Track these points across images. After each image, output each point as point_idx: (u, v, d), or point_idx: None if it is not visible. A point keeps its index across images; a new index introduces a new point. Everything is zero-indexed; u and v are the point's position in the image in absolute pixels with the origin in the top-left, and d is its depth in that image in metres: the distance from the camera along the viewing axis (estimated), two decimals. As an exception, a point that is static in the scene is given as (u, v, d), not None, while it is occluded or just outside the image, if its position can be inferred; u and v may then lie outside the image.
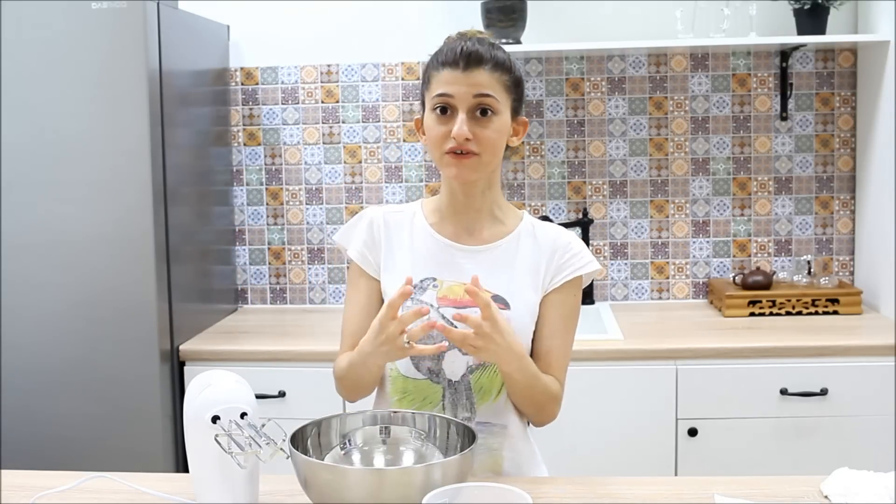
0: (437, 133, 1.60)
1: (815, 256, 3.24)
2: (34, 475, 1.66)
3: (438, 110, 1.59)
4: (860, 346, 2.65)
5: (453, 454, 1.43)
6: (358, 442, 1.52)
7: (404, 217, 1.73)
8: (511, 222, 1.71)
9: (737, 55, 3.22)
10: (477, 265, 1.65)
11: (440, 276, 1.65)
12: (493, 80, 1.58)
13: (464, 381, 1.64)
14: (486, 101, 1.57)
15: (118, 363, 2.68)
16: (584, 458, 2.66)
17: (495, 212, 1.70)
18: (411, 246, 1.69)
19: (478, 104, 1.58)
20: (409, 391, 1.66)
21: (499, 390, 1.64)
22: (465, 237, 1.68)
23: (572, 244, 1.69)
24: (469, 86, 1.57)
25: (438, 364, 1.64)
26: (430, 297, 1.64)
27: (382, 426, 1.53)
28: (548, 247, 1.68)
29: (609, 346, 2.70)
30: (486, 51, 1.59)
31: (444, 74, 1.58)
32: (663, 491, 1.53)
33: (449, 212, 1.70)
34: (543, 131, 3.28)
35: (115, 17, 2.61)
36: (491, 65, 1.58)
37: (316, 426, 1.48)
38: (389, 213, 1.74)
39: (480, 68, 1.57)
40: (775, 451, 2.65)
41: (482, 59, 1.57)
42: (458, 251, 1.67)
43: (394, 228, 1.72)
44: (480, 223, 1.69)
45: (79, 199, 2.66)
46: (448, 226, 1.70)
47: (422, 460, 1.48)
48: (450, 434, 1.48)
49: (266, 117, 3.34)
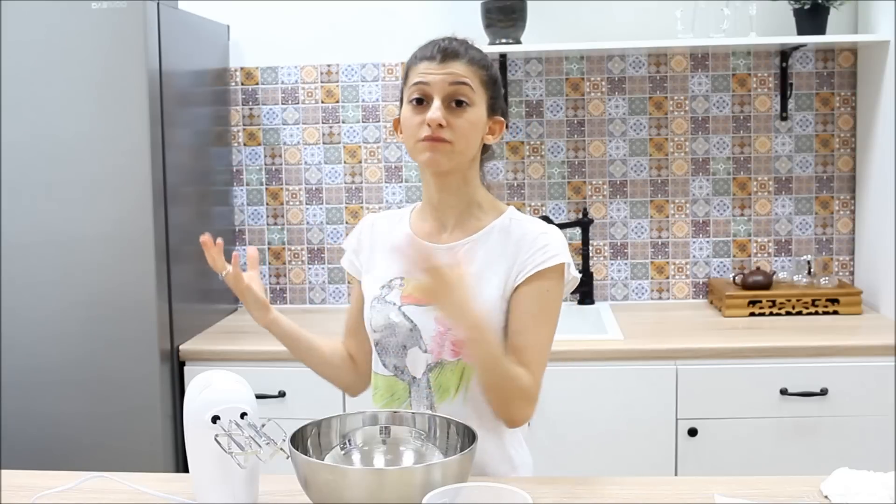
0: (413, 122, 1.62)
1: (815, 256, 3.24)
2: (34, 475, 1.66)
3: (415, 101, 1.62)
4: (860, 346, 2.65)
5: (453, 454, 1.43)
6: (358, 442, 1.52)
7: (392, 220, 1.78)
8: (487, 219, 1.69)
9: (737, 55, 3.22)
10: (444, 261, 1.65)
11: (408, 275, 1.67)
12: (469, 71, 1.61)
13: (424, 379, 1.66)
14: (462, 89, 1.60)
15: (118, 363, 2.68)
16: (584, 459, 2.66)
17: (473, 209, 1.69)
18: (389, 246, 1.72)
19: (454, 92, 1.60)
20: (380, 387, 1.72)
21: (456, 389, 1.64)
22: (440, 235, 1.70)
23: (540, 238, 1.63)
24: (445, 74, 1.60)
25: (402, 361, 1.67)
26: (395, 297, 1.68)
27: (382, 426, 1.53)
28: (515, 243, 1.64)
29: (609, 346, 2.70)
30: (462, 47, 1.63)
31: (422, 66, 1.62)
32: (663, 491, 1.53)
33: (427, 209, 1.72)
34: (543, 131, 3.28)
35: (115, 17, 2.61)
36: (467, 59, 1.62)
37: (316, 426, 1.48)
38: (380, 217, 1.80)
39: (457, 60, 1.61)
40: (775, 451, 2.65)
41: (458, 54, 1.62)
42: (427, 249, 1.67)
43: (378, 231, 1.77)
44: (456, 220, 1.69)
45: (79, 199, 2.66)
46: (426, 225, 1.72)
47: (422, 460, 1.48)
48: (450, 434, 1.48)
49: (266, 117, 3.34)
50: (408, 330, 1.66)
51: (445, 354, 1.64)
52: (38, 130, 2.66)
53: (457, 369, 1.64)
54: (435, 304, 1.51)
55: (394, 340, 1.67)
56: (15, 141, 2.66)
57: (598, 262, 3.30)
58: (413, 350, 1.66)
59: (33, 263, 2.68)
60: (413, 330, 1.65)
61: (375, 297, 1.70)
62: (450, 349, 1.63)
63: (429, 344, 1.64)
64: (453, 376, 1.64)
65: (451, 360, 1.64)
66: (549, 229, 1.66)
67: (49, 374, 2.70)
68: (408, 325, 1.66)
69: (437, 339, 1.64)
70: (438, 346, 1.64)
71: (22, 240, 2.68)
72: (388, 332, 1.68)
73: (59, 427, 2.70)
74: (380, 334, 1.69)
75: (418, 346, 1.65)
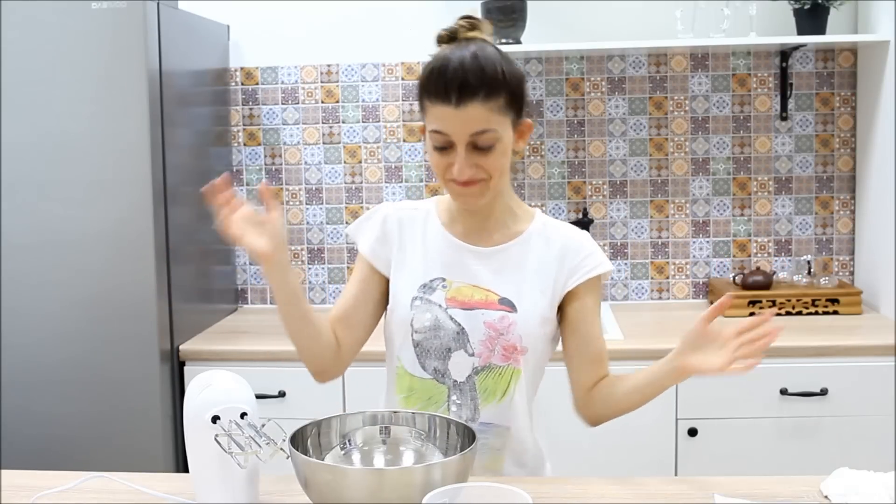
0: (439, 162, 1.57)
1: (815, 256, 3.24)
2: (34, 475, 1.66)
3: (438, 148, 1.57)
4: (860, 346, 2.65)
5: (453, 454, 1.43)
6: (358, 442, 1.52)
7: (418, 215, 1.72)
8: (523, 224, 1.69)
9: (737, 55, 3.22)
10: (486, 267, 1.65)
11: (449, 277, 1.65)
12: (487, 110, 1.51)
13: (469, 382, 1.64)
14: (483, 137, 1.53)
15: (118, 363, 2.68)
16: (584, 458, 2.66)
17: (507, 213, 1.69)
18: (423, 244, 1.69)
19: (475, 141, 1.53)
20: (416, 390, 1.66)
21: (503, 392, 1.64)
22: (476, 238, 1.68)
23: (585, 245, 1.68)
24: (464, 123, 1.51)
25: (444, 364, 1.64)
26: (440, 298, 1.64)
27: (382, 426, 1.53)
28: (559, 249, 1.66)
29: (609, 346, 2.67)
30: (477, 78, 1.50)
31: (438, 110, 1.52)
32: (663, 491, 1.53)
33: (460, 212, 1.69)
34: (543, 131, 3.28)
35: (115, 17, 2.61)
36: (483, 93, 1.50)
37: (316, 426, 1.48)
38: (404, 209, 1.73)
39: (474, 101, 1.50)
40: (775, 451, 2.65)
41: (475, 91, 1.50)
42: (468, 252, 1.67)
43: (407, 226, 1.71)
44: (491, 224, 1.68)
45: (79, 199, 2.66)
46: (459, 226, 1.69)
47: (422, 460, 1.48)
48: (450, 434, 1.48)
49: (266, 117, 3.34)
50: (455, 332, 1.63)
51: (495, 359, 1.63)
52: (38, 130, 2.66)
53: (506, 373, 1.63)
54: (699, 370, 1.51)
55: (437, 343, 1.63)
56: (15, 141, 2.66)
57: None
58: (458, 353, 1.63)
59: (33, 263, 2.68)
60: (461, 333, 1.63)
61: (416, 297, 1.65)
62: (500, 353, 1.63)
63: (476, 348, 1.63)
64: (501, 380, 1.64)
65: (501, 364, 1.63)
66: (587, 235, 1.71)
67: (49, 374, 2.70)
68: (454, 328, 1.63)
69: (487, 343, 1.62)
70: (488, 351, 1.63)
71: (22, 240, 2.68)
72: (432, 333, 1.63)
73: (59, 427, 2.70)
74: (423, 335, 1.64)
75: (464, 349, 1.62)
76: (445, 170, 1.56)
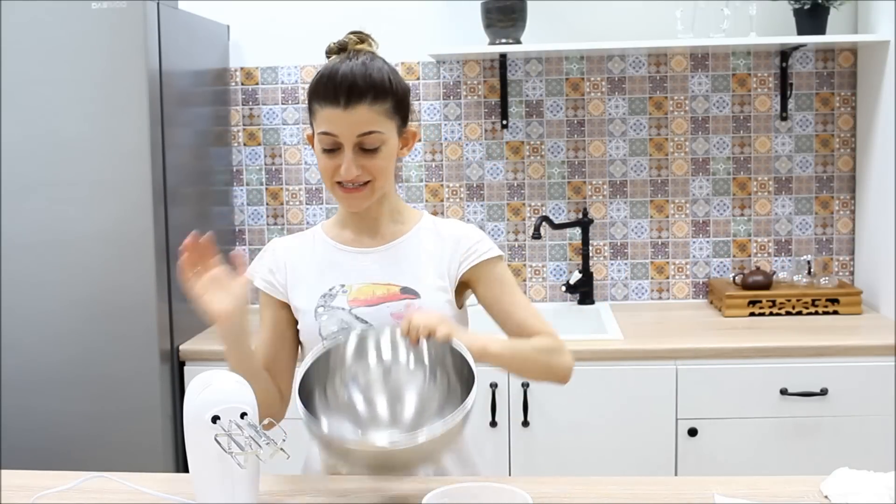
0: (326, 165, 1.63)
1: (815, 256, 3.24)
2: (34, 475, 1.66)
3: (326, 150, 1.62)
4: (860, 346, 2.65)
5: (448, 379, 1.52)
6: (360, 382, 1.56)
7: (305, 240, 1.77)
8: (411, 222, 1.74)
9: (737, 55, 3.22)
10: (380, 263, 1.69)
11: (348, 282, 1.68)
12: (374, 113, 1.58)
13: None
14: (371, 138, 1.59)
15: (118, 363, 2.68)
16: (584, 458, 2.66)
17: (394, 214, 1.74)
18: (314, 260, 1.72)
19: (362, 142, 1.59)
20: None
21: None
22: (367, 240, 1.72)
23: (473, 234, 1.72)
24: (351, 124, 1.58)
25: None
26: (342, 302, 1.66)
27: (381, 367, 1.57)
28: (449, 239, 1.71)
29: (609, 346, 2.70)
30: (364, 80, 1.57)
31: (327, 112, 1.59)
32: (663, 491, 1.53)
33: (349, 219, 1.73)
34: (543, 131, 3.28)
35: (115, 17, 2.61)
36: (371, 96, 1.57)
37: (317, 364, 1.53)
38: (291, 238, 1.79)
39: (361, 104, 1.57)
40: (775, 451, 2.65)
41: (362, 94, 1.57)
42: (361, 254, 1.70)
43: (296, 251, 1.75)
44: (380, 225, 1.72)
45: (79, 199, 2.66)
46: (348, 232, 1.73)
47: (422, 406, 1.53)
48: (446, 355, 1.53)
49: (266, 117, 3.34)
50: None
51: None
52: (38, 130, 2.65)
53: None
54: (442, 328, 1.51)
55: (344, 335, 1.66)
56: (15, 141, 2.66)
57: (597, 262, 3.30)
58: None
59: (33, 263, 2.68)
60: None
61: (318, 307, 1.67)
62: None
63: None
64: None
65: None
66: (474, 226, 1.76)
67: (49, 374, 2.70)
68: (362, 326, 1.65)
69: None
70: None
71: (22, 240, 2.68)
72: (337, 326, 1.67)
73: (59, 427, 2.70)
74: None
75: None
76: (333, 172, 1.62)
